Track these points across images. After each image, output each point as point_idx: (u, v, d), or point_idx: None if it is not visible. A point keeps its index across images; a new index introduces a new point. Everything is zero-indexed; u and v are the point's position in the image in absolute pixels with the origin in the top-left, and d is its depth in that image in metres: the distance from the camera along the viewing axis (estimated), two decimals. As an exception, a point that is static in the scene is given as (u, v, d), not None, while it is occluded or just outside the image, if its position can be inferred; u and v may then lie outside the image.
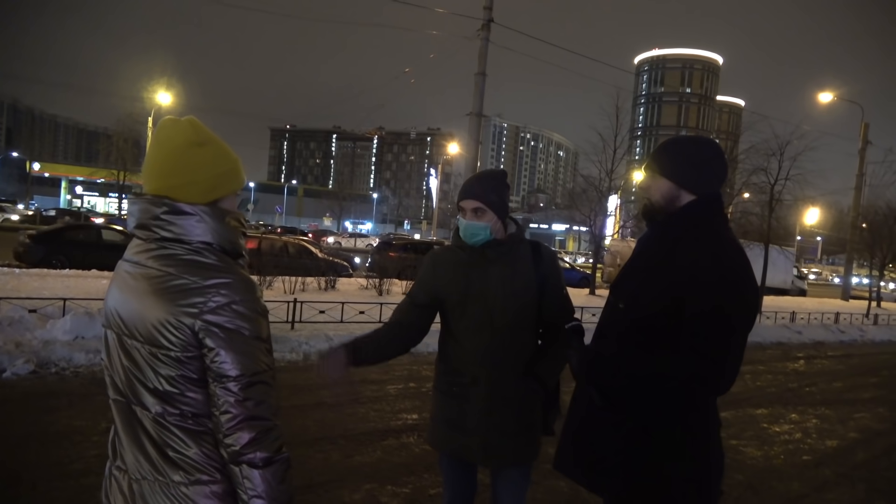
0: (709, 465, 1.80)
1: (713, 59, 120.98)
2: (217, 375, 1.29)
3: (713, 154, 1.89)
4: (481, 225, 2.20)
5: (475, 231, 2.21)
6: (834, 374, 10.40)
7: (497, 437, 2.22)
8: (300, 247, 18.15)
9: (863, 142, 30.45)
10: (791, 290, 31.43)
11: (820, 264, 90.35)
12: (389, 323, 2.34)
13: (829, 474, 5.03)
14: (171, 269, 1.32)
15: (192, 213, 1.35)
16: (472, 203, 2.21)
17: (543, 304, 2.28)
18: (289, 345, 7.89)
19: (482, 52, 18.56)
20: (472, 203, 2.21)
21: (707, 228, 1.81)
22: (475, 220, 2.21)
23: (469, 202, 2.21)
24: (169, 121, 1.41)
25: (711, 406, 1.83)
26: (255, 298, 1.35)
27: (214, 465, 1.33)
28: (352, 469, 4.23)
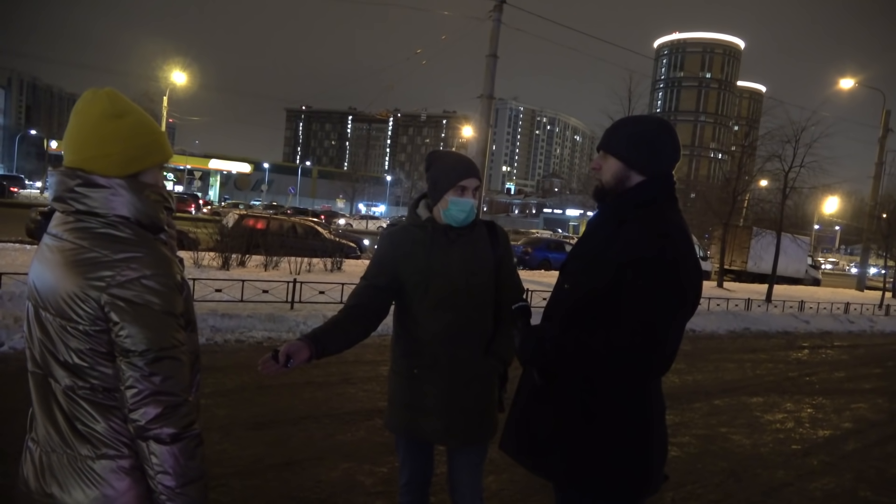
0: (650, 448, 1.79)
1: (735, 44, 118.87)
2: (122, 350, 1.29)
3: (664, 134, 1.85)
4: (474, 203, 2.25)
5: (472, 210, 2.24)
6: (837, 364, 10.30)
7: (457, 416, 2.23)
8: (308, 228, 18.21)
9: (883, 129, 29.80)
10: (805, 279, 31.06)
11: (838, 254, 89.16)
12: (349, 308, 2.24)
13: (815, 463, 4.99)
14: (84, 243, 1.31)
15: (106, 185, 1.34)
16: (475, 181, 2.23)
17: (499, 283, 2.28)
18: (286, 324, 7.95)
19: (494, 33, 18.34)
20: (475, 182, 2.23)
21: (653, 209, 1.78)
22: (472, 199, 2.23)
23: (472, 181, 2.22)
24: (89, 92, 1.39)
25: (654, 389, 1.81)
26: (168, 273, 1.34)
27: (122, 441, 1.34)
28: (332, 448, 4.26)
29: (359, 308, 2.23)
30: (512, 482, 3.89)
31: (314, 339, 2.04)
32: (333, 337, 2.11)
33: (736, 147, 27.89)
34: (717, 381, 7.76)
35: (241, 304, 8.43)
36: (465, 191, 2.20)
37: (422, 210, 2.30)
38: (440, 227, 2.23)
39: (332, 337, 2.11)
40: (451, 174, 2.22)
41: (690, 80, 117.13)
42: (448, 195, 2.21)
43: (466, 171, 2.22)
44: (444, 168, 2.26)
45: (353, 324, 2.20)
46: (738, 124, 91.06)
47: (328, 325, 2.15)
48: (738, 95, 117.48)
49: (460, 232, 2.24)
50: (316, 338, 2.04)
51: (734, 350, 10.45)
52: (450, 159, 2.31)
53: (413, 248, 2.25)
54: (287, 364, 1.94)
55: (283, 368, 1.93)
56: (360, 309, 2.23)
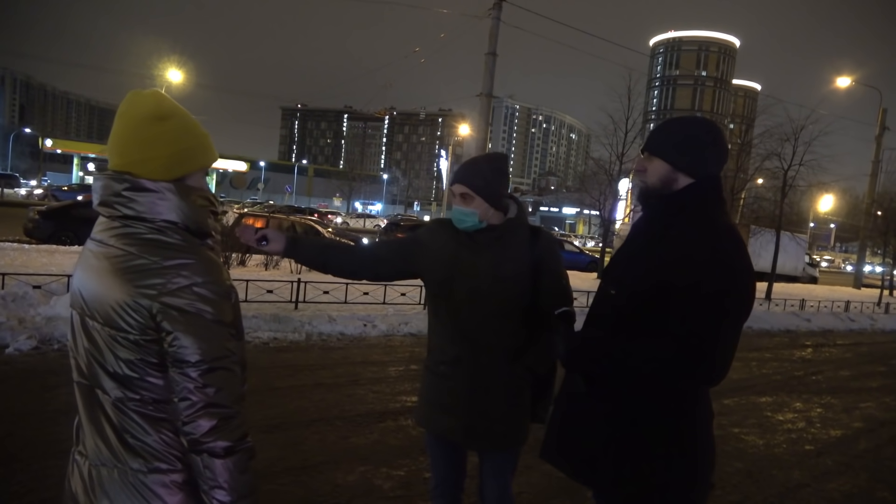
0: (697, 458, 1.75)
1: (730, 42, 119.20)
2: (176, 360, 1.24)
3: (713, 136, 1.80)
4: (468, 211, 2.14)
5: (462, 217, 2.16)
6: (841, 363, 10.30)
7: (480, 420, 2.19)
8: (308, 227, 18.14)
9: (880, 127, 29.90)
10: (802, 277, 31.13)
11: (833, 251, 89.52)
12: (362, 245, 2.31)
13: (830, 463, 4.97)
14: (132, 249, 1.26)
15: (154, 189, 1.29)
16: (459, 188, 2.15)
17: (539, 290, 2.21)
18: (291, 325, 7.89)
19: (493, 31, 18.31)
20: (459, 188, 2.15)
21: (702, 212, 1.74)
22: (462, 206, 2.15)
23: (457, 187, 2.15)
24: (133, 94, 1.34)
25: (703, 396, 1.78)
26: (219, 280, 1.29)
27: (174, 454, 1.29)
28: (347, 450, 4.21)
29: (352, 248, 2.31)
30: (530, 485, 3.85)
31: (295, 239, 2.17)
32: (311, 248, 2.25)
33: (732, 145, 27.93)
34: (725, 380, 7.71)
35: (245, 305, 8.36)
36: (453, 196, 2.17)
37: None
38: (469, 232, 2.19)
39: (310, 248, 2.24)
40: (451, 179, 2.20)
41: (686, 79, 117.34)
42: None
43: (454, 176, 2.18)
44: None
45: (338, 250, 2.30)
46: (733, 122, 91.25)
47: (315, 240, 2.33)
48: (734, 94, 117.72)
49: (493, 236, 2.19)
50: (296, 239, 2.18)
51: (738, 349, 10.29)
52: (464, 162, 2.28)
53: (441, 244, 2.22)
54: (260, 242, 2.09)
55: (254, 242, 2.09)
56: (352, 248, 2.31)
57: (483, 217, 2.14)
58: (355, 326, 8.41)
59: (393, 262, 2.28)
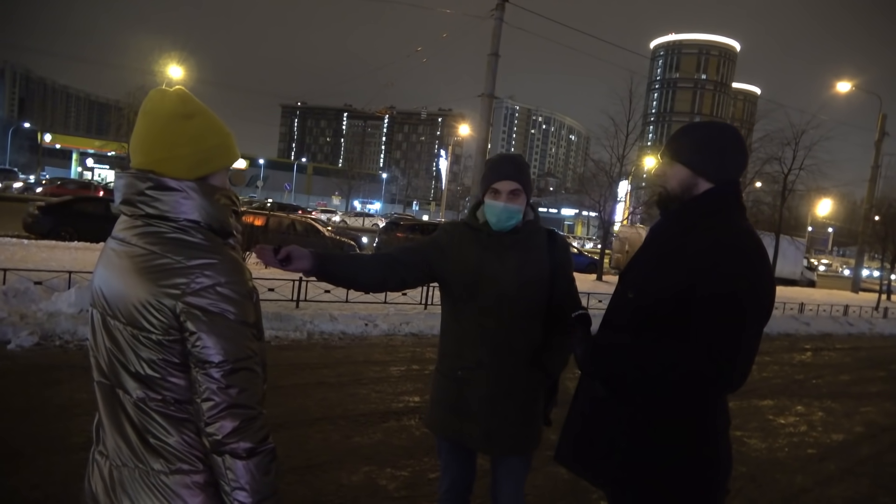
0: (717, 463, 1.74)
1: (730, 46, 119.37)
2: (199, 360, 1.22)
3: (733, 141, 1.80)
4: (516, 208, 2.13)
5: (511, 214, 2.13)
6: (841, 367, 10.30)
7: (499, 424, 2.18)
8: (307, 225, 18.12)
9: (880, 133, 29.94)
10: (800, 280, 31.20)
11: (831, 255, 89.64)
12: (382, 253, 2.23)
13: (833, 469, 4.97)
14: (155, 248, 1.25)
15: (178, 188, 1.28)
16: (510, 184, 2.11)
17: (554, 293, 2.21)
18: (293, 323, 7.87)
19: (496, 32, 18.28)
20: (510, 184, 2.11)
21: (723, 218, 1.73)
22: (512, 203, 2.12)
23: (507, 183, 2.11)
24: (156, 92, 1.33)
25: (721, 402, 1.77)
26: (242, 280, 1.28)
27: (196, 455, 1.28)
28: (351, 450, 4.20)
29: (389, 258, 2.19)
30: (535, 487, 3.84)
31: (322, 255, 2.00)
32: (339, 263, 2.10)
33: (733, 148, 27.95)
34: (725, 383, 7.74)
35: (247, 303, 8.34)
36: (497, 194, 2.13)
37: (480, 214, 2.24)
38: (494, 232, 2.18)
39: (339, 263, 2.10)
40: (487, 176, 2.17)
41: (686, 82, 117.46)
42: (486, 198, 2.17)
43: (499, 172, 2.15)
44: (486, 170, 2.21)
45: (364, 262, 2.19)
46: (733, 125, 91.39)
47: (340, 254, 2.18)
48: (733, 97, 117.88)
49: (515, 238, 2.18)
50: (323, 256, 2.01)
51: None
52: (493, 161, 2.25)
53: (468, 247, 2.20)
54: (283, 262, 1.91)
55: (277, 264, 1.91)
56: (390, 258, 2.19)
57: (524, 215, 2.15)
58: (357, 325, 8.40)
59: (419, 267, 2.19)
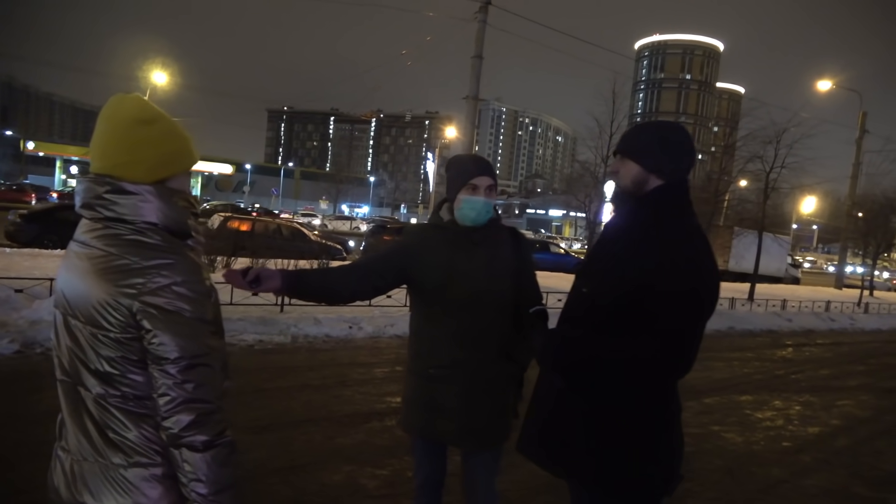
0: (671, 448, 1.81)
1: (714, 46, 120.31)
2: (155, 357, 1.27)
3: (682, 140, 1.87)
4: (492, 202, 2.24)
5: (489, 208, 2.23)
6: (822, 362, 10.46)
7: (475, 419, 2.24)
8: (294, 229, 18.12)
9: (860, 130, 30.35)
10: (785, 277, 31.48)
11: (816, 252, 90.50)
12: (353, 263, 2.29)
13: (808, 460, 5.07)
14: (114, 250, 1.30)
15: (135, 192, 1.32)
16: (488, 180, 2.22)
17: (520, 288, 2.28)
18: (277, 327, 7.89)
19: (479, 34, 18.39)
20: (487, 180, 2.21)
21: (673, 213, 1.80)
22: (489, 198, 2.22)
23: (485, 179, 2.21)
24: (115, 98, 1.38)
25: (672, 390, 1.84)
26: (199, 280, 1.33)
27: (154, 448, 1.33)
28: (334, 451, 4.24)
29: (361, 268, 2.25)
30: (515, 483, 3.89)
31: (291, 273, 2.03)
32: (312, 278, 2.13)
33: (716, 147, 28.23)
34: (707, 379, 7.83)
35: (231, 307, 8.35)
36: (476, 189, 2.20)
37: (444, 213, 2.30)
38: (463, 229, 2.24)
39: (311, 277, 2.12)
40: (463, 173, 2.24)
41: (671, 82, 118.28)
42: (461, 194, 2.23)
43: (477, 169, 2.23)
44: (458, 168, 2.27)
45: (337, 274, 2.22)
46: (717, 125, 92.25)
47: (311, 270, 2.21)
48: (718, 96, 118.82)
49: (483, 235, 2.25)
50: (293, 274, 2.05)
51: (721, 349, 10.57)
52: (463, 159, 2.33)
53: (438, 247, 2.25)
54: (252, 283, 1.87)
55: (246, 286, 1.88)
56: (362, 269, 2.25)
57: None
58: (341, 328, 8.43)
59: (391, 273, 2.24)
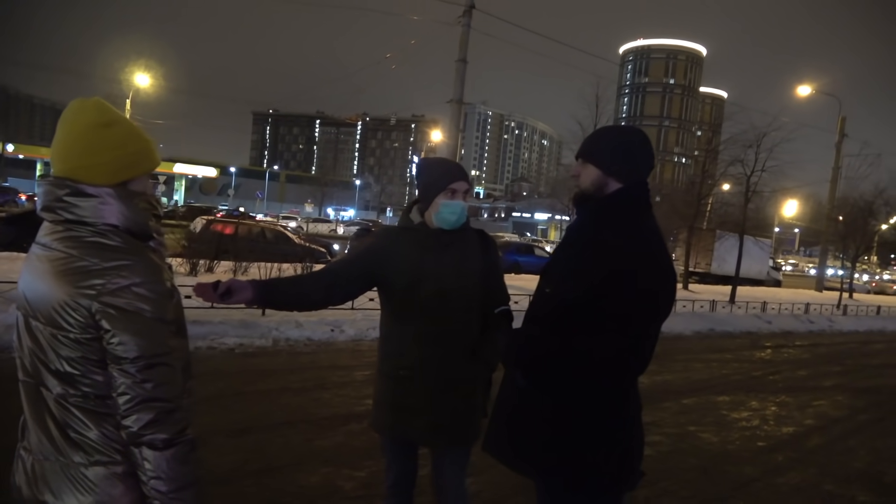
0: (629, 444, 1.85)
1: (697, 51, 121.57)
2: (115, 357, 1.30)
3: (640, 144, 1.92)
4: (465, 205, 2.30)
5: (464, 212, 2.29)
6: (799, 363, 10.61)
7: (445, 417, 2.27)
8: (277, 233, 18.06)
9: (839, 135, 30.81)
10: (766, 280, 31.86)
11: (797, 255, 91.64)
12: (323, 270, 2.33)
13: (781, 459, 5.15)
14: (74, 251, 1.32)
15: (95, 194, 1.35)
16: (465, 185, 2.30)
17: (488, 289, 2.33)
18: (258, 330, 7.88)
19: (463, 38, 18.45)
20: (465, 185, 2.29)
21: (630, 215, 1.85)
22: (463, 201, 2.29)
23: (463, 183, 2.28)
24: (75, 102, 1.40)
25: (632, 388, 1.88)
26: (158, 280, 1.35)
27: (115, 447, 1.35)
28: (311, 453, 4.26)
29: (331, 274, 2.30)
30: (491, 483, 3.93)
31: (262, 284, 2.08)
32: (283, 286, 2.20)
33: (699, 151, 28.50)
34: (685, 380, 7.94)
35: (213, 311, 8.31)
36: (455, 193, 2.26)
37: (414, 215, 2.34)
38: (432, 232, 2.28)
39: (283, 288, 2.19)
40: (441, 178, 2.28)
41: (655, 86, 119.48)
42: (439, 198, 2.26)
43: (456, 174, 2.28)
44: (435, 173, 2.31)
45: (309, 281, 2.28)
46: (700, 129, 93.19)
47: (282, 278, 2.26)
48: (701, 101, 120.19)
49: (453, 236, 2.29)
50: (264, 284, 2.09)
51: (701, 350, 10.69)
52: (440, 164, 2.38)
53: (407, 249, 2.29)
54: (223, 296, 1.88)
55: (217, 299, 1.90)
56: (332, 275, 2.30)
57: None
58: (323, 331, 8.43)
59: (362, 278, 2.29)
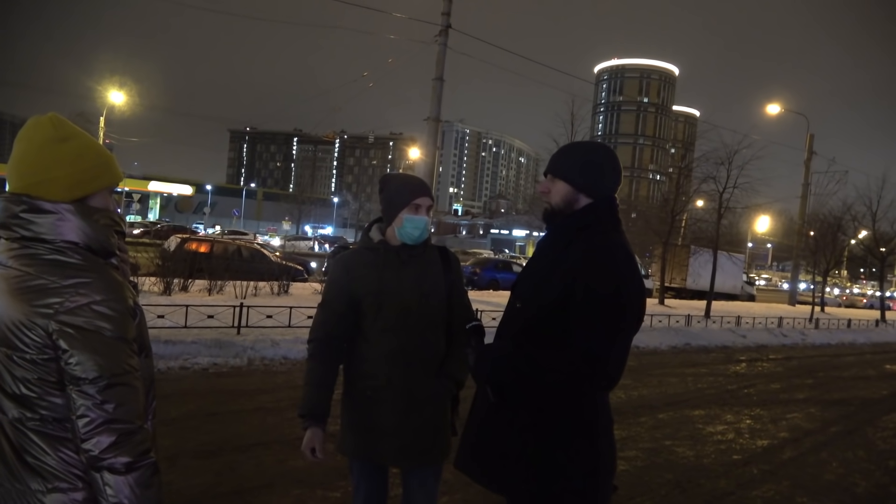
0: (598, 460, 1.85)
1: (670, 70, 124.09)
2: (73, 378, 1.25)
3: (609, 160, 1.94)
4: (428, 221, 2.31)
5: (427, 227, 2.30)
6: (772, 377, 10.74)
7: (411, 437, 2.25)
8: (253, 250, 17.90)
9: (808, 152, 31.58)
10: (740, 295, 32.34)
11: (770, 270, 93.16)
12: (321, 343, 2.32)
13: (755, 472, 5.19)
14: (31, 269, 1.28)
15: (52, 211, 1.32)
16: (428, 200, 2.30)
17: (452, 306, 2.33)
18: (233, 350, 7.76)
19: (440, 57, 18.60)
20: (428, 200, 2.30)
21: (599, 229, 1.86)
22: (426, 217, 2.30)
23: (426, 199, 2.29)
24: (32, 119, 1.38)
25: (602, 402, 1.88)
26: (119, 298, 1.32)
27: (75, 473, 1.30)
28: (283, 474, 4.18)
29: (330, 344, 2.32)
30: (465, 502, 3.90)
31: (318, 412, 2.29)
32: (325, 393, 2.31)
33: (673, 169, 28.99)
34: (661, 395, 7.98)
35: (185, 330, 8.20)
36: (419, 209, 2.26)
37: (374, 233, 2.34)
38: (392, 249, 2.28)
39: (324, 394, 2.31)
40: (405, 193, 2.28)
41: (629, 105, 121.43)
42: (403, 213, 2.27)
43: (420, 189, 2.29)
44: (398, 188, 2.31)
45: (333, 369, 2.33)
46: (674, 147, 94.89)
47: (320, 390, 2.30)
48: (675, 119, 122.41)
49: (412, 253, 2.29)
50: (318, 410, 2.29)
51: (676, 364, 10.78)
52: (403, 179, 2.38)
53: (365, 270, 2.28)
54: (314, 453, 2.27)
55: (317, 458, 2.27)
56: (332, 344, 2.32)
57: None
58: (299, 350, 8.32)
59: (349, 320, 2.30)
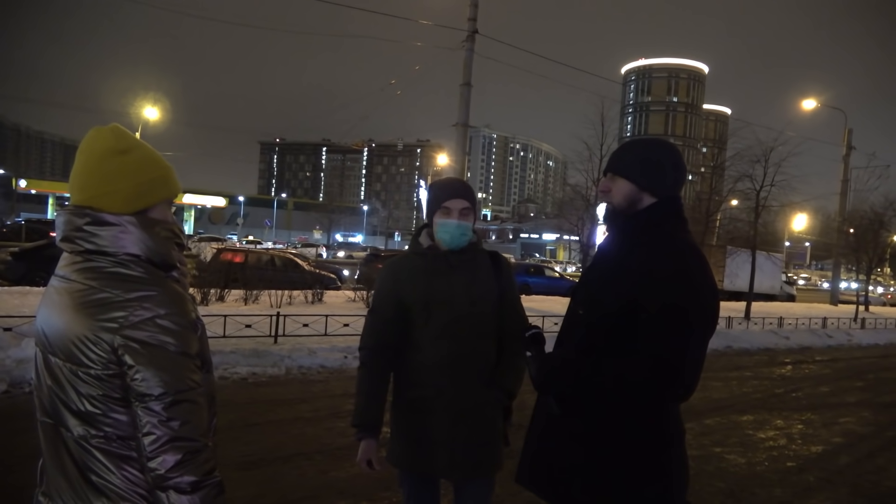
0: (670, 474, 1.76)
1: (698, 68, 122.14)
2: (138, 394, 1.22)
3: (673, 157, 1.85)
4: (468, 225, 2.21)
5: (464, 231, 2.20)
6: (820, 379, 10.40)
7: (462, 448, 2.18)
8: (287, 260, 18.06)
9: (846, 147, 30.73)
10: (780, 295, 31.54)
11: (809, 269, 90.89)
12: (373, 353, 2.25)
13: (812, 480, 4.99)
14: (94, 283, 1.26)
15: (115, 223, 1.29)
16: (462, 203, 2.19)
17: (503, 313, 2.25)
18: (271, 359, 7.79)
19: (467, 63, 18.62)
20: (461, 203, 2.19)
21: (665, 231, 1.77)
22: (464, 220, 2.20)
23: (458, 202, 2.19)
24: (93, 130, 1.36)
25: (673, 413, 1.79)
26: (183, 312, 1.28)
27: (139, 492, 1.26)
28: (326, 485, 4.14)
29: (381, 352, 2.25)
30: (513, 513, 3.81)
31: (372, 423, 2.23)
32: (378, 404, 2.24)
33: (706, 168, 28.47)
34: (706, 400, 7.76)
35: (224, 340, 8.25)
36: (449, 212, 2.19)
37: (423, 238, 2.28)
38: (441, 254, 2.22)
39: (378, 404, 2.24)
40: (437, 197, 2.22)
41: (658, 105, 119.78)
42: (436, 217, 2.21)
43: (451, 192, 2.21)
44: (433, 192, 2.26)
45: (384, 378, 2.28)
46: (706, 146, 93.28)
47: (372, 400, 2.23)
48: (705, 118, 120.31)
49: (462, 258, 2.22)
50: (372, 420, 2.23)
51: (719, 368, 10.50)
52: (440, 183, 2.33)
53: (414, 276, 2.23)
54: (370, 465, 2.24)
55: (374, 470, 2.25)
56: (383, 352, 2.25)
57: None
58: (336, 358, 8.33)
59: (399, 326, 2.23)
